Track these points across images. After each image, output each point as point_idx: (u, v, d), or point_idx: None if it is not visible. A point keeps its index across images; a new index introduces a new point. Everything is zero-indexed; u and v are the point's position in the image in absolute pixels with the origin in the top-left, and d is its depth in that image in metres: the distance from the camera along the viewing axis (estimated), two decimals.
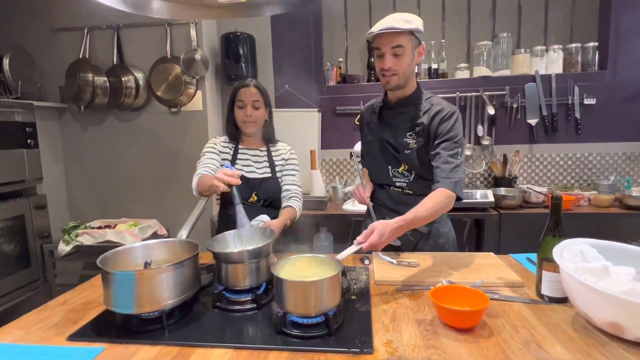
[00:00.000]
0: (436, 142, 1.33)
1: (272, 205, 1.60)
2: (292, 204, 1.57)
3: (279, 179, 1.62)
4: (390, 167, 1.45)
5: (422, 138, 1.37)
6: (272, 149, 1.66)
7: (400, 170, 1.43)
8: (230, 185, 1.23)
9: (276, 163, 1.63)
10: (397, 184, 1.45)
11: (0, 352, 0.85)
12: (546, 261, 1.00)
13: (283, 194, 1.61)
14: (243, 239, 1.18)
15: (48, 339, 0.91)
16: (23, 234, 2.40)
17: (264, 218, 1.44)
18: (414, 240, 1.47)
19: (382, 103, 1.50)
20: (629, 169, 2.74)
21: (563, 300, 0.99)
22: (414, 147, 1.38)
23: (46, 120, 2.75)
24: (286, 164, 1.64)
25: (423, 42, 1.34)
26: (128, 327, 0.93)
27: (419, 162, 1.38)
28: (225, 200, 1.60)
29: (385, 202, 1.48)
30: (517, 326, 0.90)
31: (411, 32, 1.29)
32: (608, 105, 2.67)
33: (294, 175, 1.65)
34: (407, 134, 1.39)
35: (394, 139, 1.42)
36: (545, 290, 1.01)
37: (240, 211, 1.21)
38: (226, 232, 1.20)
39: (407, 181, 1.43)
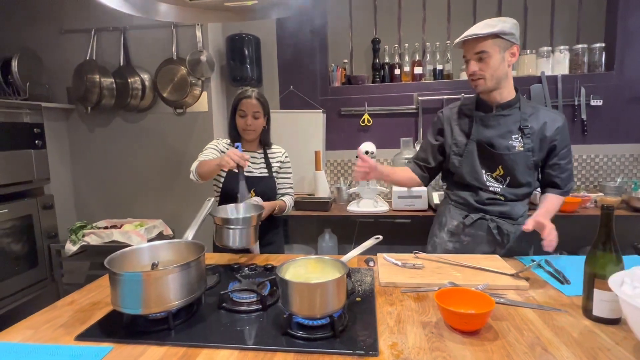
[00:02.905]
0: (553, 150, 1.42)
1: (267, 201, 1.72)
2: (285, 199, 1.81)
3: (275, 179, 1.80)
4: (484, 171, 1.46)
5: (530, 141, 1.40)
6: (268, 151, 1.83)
7: (494, 175, 1.45)
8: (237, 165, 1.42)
9: (272, 164, 1.81)
10: (491, 188, 1.46)
11: (10, 352, 0.86)
12: (598, 278, 0.90)
13: (278, 192, 1.82)
14: (239, 210, 1.44)
15: (57, 339, 0.92)
16: (31, 234, 2.43)
17: (257, 199, 1.67)
18: (500, 239, 1.48)
19: (474, 105, 1.49)
20: (636, 171, 2.72)
21: (616, 322, 0.91)
22: (520, 149, 1.40)
23: (54, 121, 2.78)
24: (282, 166, 1.84)
25: (517, 44, 1.36)
26: (135, 328, 0.94)
27: (519, 165, 1.41)
28: (225, 196, 1.72)
29: (470, 202, 1.49)
30: (523, 329, 0.89)
31: (496, 35, 1.31)
32: (615, 107, 2.65)
33: (288, 177, 1.86)
34: (513, 136, 1.41)
35: (497, 141, 1.42)
36: (597, 311, 0.91)
37: (243, 186, 1.46)
38: (227, 204, 1.46)
39: (501, 186, 1.45)
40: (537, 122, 1.40)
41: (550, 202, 1.44)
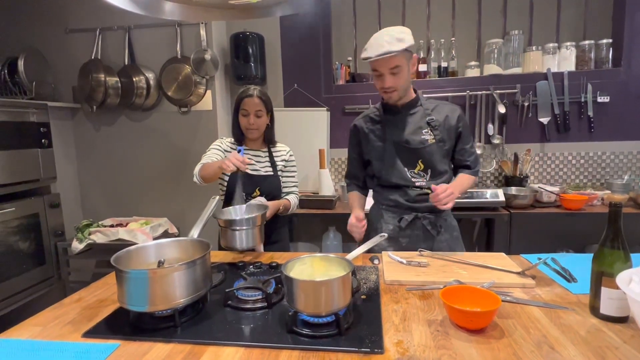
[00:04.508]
0: (460, 137, 1.53)
1: (272, 200, 1.73)
2: (289, 198, 1.79)
3: (279, 177, 1.79)
4: (406, 169, 1.51)
5: (439, 132, 1.49)
6: (272, 149, 1.81)
7: (416, 170, 1.51)
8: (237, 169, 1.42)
9: (277, 162, 1.79)
10: (417, 183, 1.51)
11: (18, 348, 0.87)
12: (606, 276, 0.89)
13: (283, 190, 1.81)
14: (242, 211, 1.45)
15: (64, 336, 0.93)
16: (38, 232, 2.45)
17: (261, 198, 1.66)
18: (435, 233, 1.52)
19: (381, 110, 1.58)
20: None
21: (624, 320, 0.90)
22: (432, 142, 1.49)
23: (60, 120, 2.80)
24: (287, 165, 1.83)
25: (415, 54, 1.46)
26: (142, 325, 0.95)
27: (436, 155, 1.49)
28: (229, 196, 1.70)
29: (401, 202, 1.53)
30: (529, 327, 0.89)
31: (405, 49, 1.35)
32: (622, 103, 2.63)
33: (293, 176, 1.85)
34: (423, 131, 1.49)
35: (411, 138, 1.49)
36: (605, 309, 0.91)
37: (238, 191, 1.49)
38: (230, 206, 1.47)
39: (425, 180, 1.51)
40: (439, 115, 1.51)
41: (462, 178, 1.53)
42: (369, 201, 1.72)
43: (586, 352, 0.79)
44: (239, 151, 1.53)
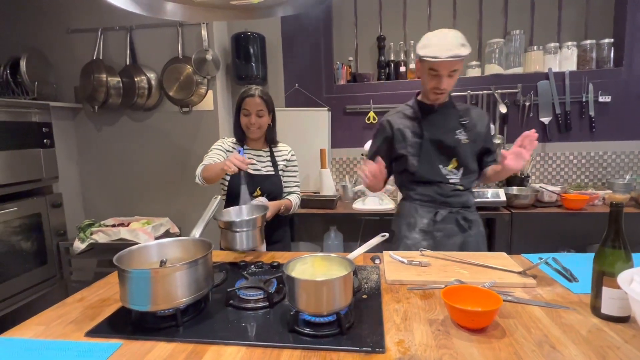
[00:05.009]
0: (488, 140, 1.63)
1: (274, 199, 1.73)
2: (291, 198, 1.80)
3: (281, 177, 1.79)
4: (441, 166, 1.57)
5: (472, 133, 1.57)
6: (274, 149, 1.82)
7: (449, 167, 1.57)
8: (239, 169, 1.42)
9: (278, 162, 1.80)
10: (451, 180, 1.57)
11: (21, 347, 0.87)
12: (607, 276, 0.89)
13: (285, 190, 1.82)
14: (242, 213, 1.44)
15: (67, 335, 0.93)
16: (40, 232, 2.46)
17: (262, 199, 1.66)
18: (467, 227, 1.57)
19: (416, 108, 1.61)
20: None
21: (625, 320, 0.90)
22: (466, 142, 1.56)
23: (61, 120, 2.81)
24: (288, 165, 1.83)
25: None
26: (144, 324, 0.95)
27: (469, 154, 1.56)
28: (231, 196, 1.71)
29: (435, 197, 1.58)
30: (530, 327, 0.89)
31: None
32: (623, 103, 2.62)
33: (294, 176, 1.86)
34: (457, 131, 1.56)
35: (446, 138, 1.55)
36: (606, 309, 0.91)
37: (244, 191, 1.46)
38: (230, 207, 1.46)
39: (458, 177, 1.57)
40: (470, 119, 1.59)
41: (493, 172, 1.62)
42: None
43: (587, 352, 0.79)
44: (239, 152, 1.54)
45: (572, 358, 0.77)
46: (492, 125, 1.64)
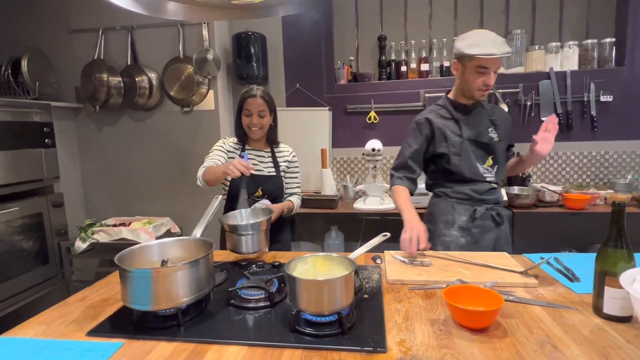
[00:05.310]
0: (511, 137, 1.70)
1: (275, 200, 1.74)
2: (292, 199, 1.81)
3: (282, 178, 1.79)
4: (478, 164, 1.60)
5: (501, 131, 1.63)
6: (275, 150, 1.82)
7: (485, 165, 1.61)
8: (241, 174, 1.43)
9: (280, 163, 1.80)
10: (488, 178, 1.61)
11: (23, 347, 0.87)
12: (610, 276, 0.89)
13: (286, 191, 1.82)
14: (247, 216, 1.45)
15: (68, 334, 0.93)
16: (41, 232, 2.46)
17: (265, 202, 1.68)
18: (500, 222, 1.63)
19: (451, 108, 1.63)
20: None
21: (627, 320, 0.90)
22: (497, 140, 1.62)
23: (63, 120, 2.81)
24: (290, 166, 1.83)
25: None
26: (145, 324, 0.95)
27: (501, 152, 1.63)
28: (232, 196, 1.72)
29: (472, 195, 1.61)
30: (532, 327, 0.89)
31: None
32: (625, 102, 2.62)
33: (296, 177, 1.86)
34: (489, 129, 1.62)
35: (482, 136, 1.60)
36: (608, 309, 0.90)
37: (243, 194, 1.47)
38: (236, 211, 1.46)
39: (493, 175, 1.62)
40: (498, 117, 1.67)
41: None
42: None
43: (589, 352, 0.78)
44: (242, 157, 1.55)
45: (574, 358, 0.77)
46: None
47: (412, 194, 1.62)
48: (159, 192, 2.90)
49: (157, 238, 2.45)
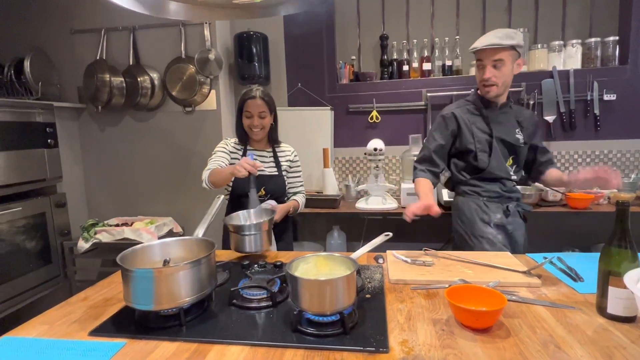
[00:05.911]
0: (536, 140, 1.72)
1: (277, 199, 1.74)
2: (297, 198, 1.84)
3: (284, 177, 1.80)
4: (504, 162, 1.64)
5: (526, 133, 1.66)
6: (277, 149, 1.83)
7: (507, 164, 1.65)
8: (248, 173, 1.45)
9: (281, 163, 1.81)
10: (513, 177, 1.66)
11: (25, 346, 0.88)
12: (613, 276, 0.88)
13: (289, 191, 1.85)
14: (252, 216, 1.46)
15: (71, 334, 0.93)
16: (44, 232, 2.47)
17: (272, 202, 1.69)
18: (527, 218, 1.70)
19: (479, 104, 1.65)
20: None
21: (631, 320, 0.89)
22: (522, 143, 1.65)
23: (65, 120, 2.82)
24: (292, 166, 1.84)
25: (522, 57, 1.58)
26: (147, 324, 0.95)
27: (523, 154, 1.67)
28: (234, 196, 1.73)
29: (501, 193, 1.65)
30: (535, 327, 0.88)
31: (512, 47, 1.48)
32: (629, 101, 2.60)
33: (299, 176, 1.88)
34: (516, 130, 1.65)
35: (509, 136, 1.63)
36: (612, 309, 0.90)
37: (253, 194, 1.48)
38: (239, 211, 1.47)
39: (515, 173, 1.67)
40: (524, 118, 1.68)
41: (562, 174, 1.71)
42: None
43: (593, 352, 0.78)
44: (249, 156, 1.57)
45: (577, 358, 0.76)
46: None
47: (437, 184, 1.71)
48: (161, 192, 2.91)
49: (160, 238, 2.45)
